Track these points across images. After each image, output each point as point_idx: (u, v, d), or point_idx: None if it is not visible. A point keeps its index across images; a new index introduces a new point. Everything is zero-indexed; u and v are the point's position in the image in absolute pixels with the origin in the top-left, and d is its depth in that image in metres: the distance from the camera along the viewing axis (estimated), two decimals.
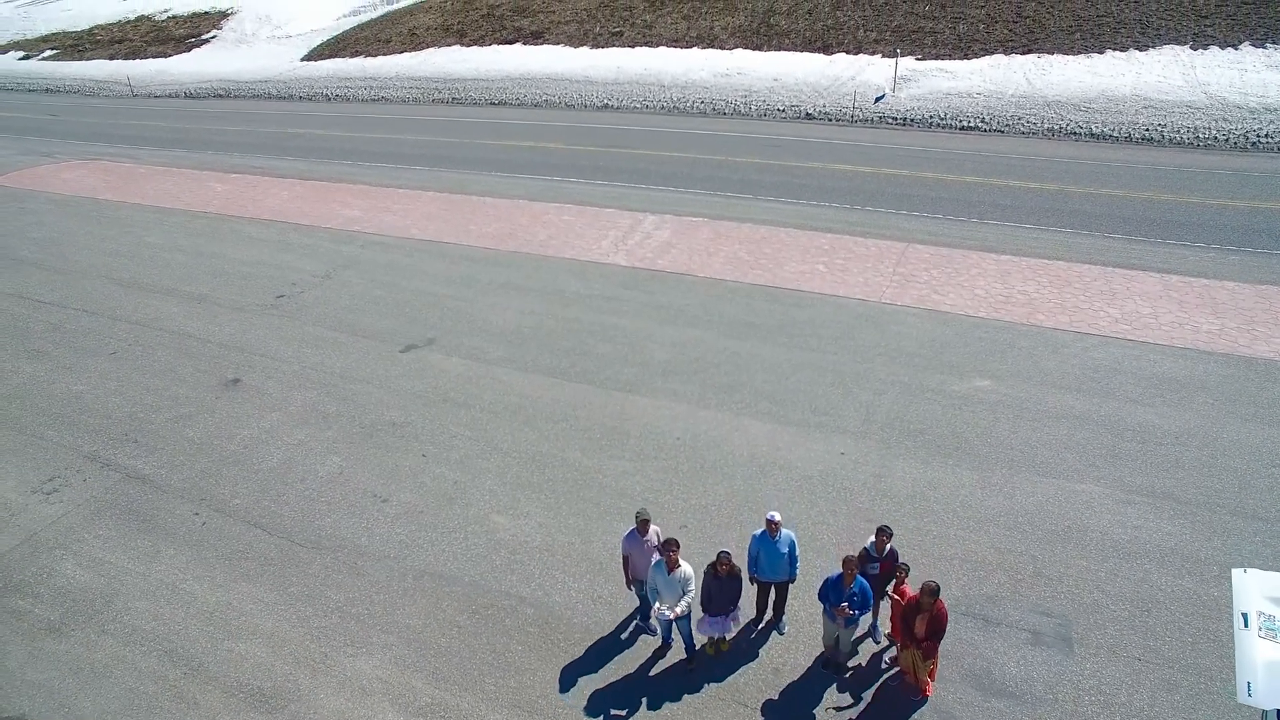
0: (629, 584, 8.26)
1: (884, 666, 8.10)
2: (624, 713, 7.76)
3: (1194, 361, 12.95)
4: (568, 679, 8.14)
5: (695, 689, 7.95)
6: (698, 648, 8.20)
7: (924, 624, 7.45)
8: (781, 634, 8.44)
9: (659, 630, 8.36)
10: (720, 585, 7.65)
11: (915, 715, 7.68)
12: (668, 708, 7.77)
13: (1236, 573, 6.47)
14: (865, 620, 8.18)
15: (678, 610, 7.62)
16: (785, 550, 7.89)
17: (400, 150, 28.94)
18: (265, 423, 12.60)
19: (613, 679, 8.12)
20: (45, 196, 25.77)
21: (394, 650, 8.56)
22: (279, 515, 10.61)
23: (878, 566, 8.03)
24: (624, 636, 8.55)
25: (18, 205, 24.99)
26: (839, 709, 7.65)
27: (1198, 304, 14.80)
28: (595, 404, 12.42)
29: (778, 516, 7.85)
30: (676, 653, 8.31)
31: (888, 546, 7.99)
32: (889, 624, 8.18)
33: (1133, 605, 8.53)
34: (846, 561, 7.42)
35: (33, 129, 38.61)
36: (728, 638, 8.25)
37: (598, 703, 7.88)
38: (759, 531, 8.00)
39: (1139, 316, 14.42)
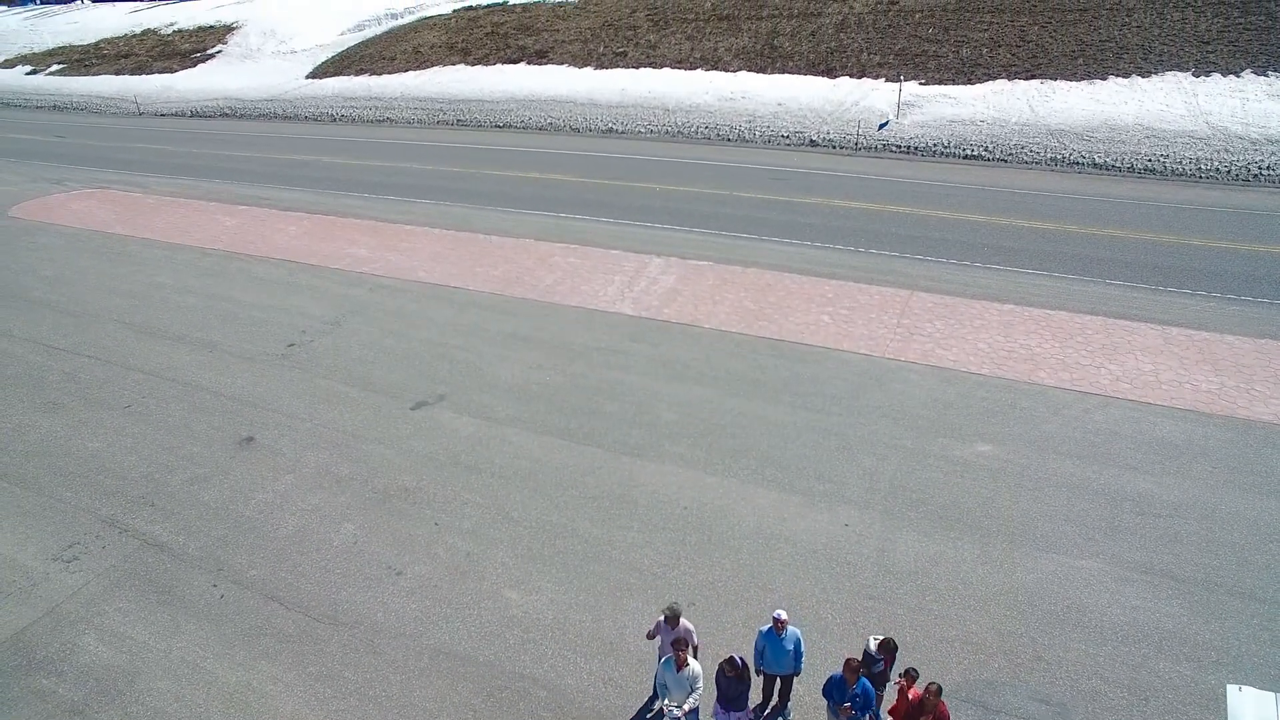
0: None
1: None
2: None
3: (1193, 424, 13.15)
4: None
5: None
6: None
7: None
8: (786, 719, 8.67)
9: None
10: (729, 683, 7.88)
11: None
12: None
13: (1231, 690, 6.68)
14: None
15: (685, 707, 7.85)
16: (790, 647, 8.12)
17: (406, 181, 29.19)
18: (280, 485, 12.84)
19: None
20: (56, 230, 26.05)
21: None
22: (296, 587, 10.85)
23: (881, 664, 8.26)
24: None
25: (29, 239, 25.28)
26: None
27: (1198, 360, 15.00)
28: (604, 469, 12.65)
29: (784, 615, 8.07)
30: None
31: (892, 646, 8.17)
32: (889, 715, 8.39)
33: (1130, 693, 8.74)
34: (848, 663, 7.63)
35: (41, 153, 38.92)
36: None
37: None
38: (766, 628, 8.22)
39: (1140, 374, 14.62)
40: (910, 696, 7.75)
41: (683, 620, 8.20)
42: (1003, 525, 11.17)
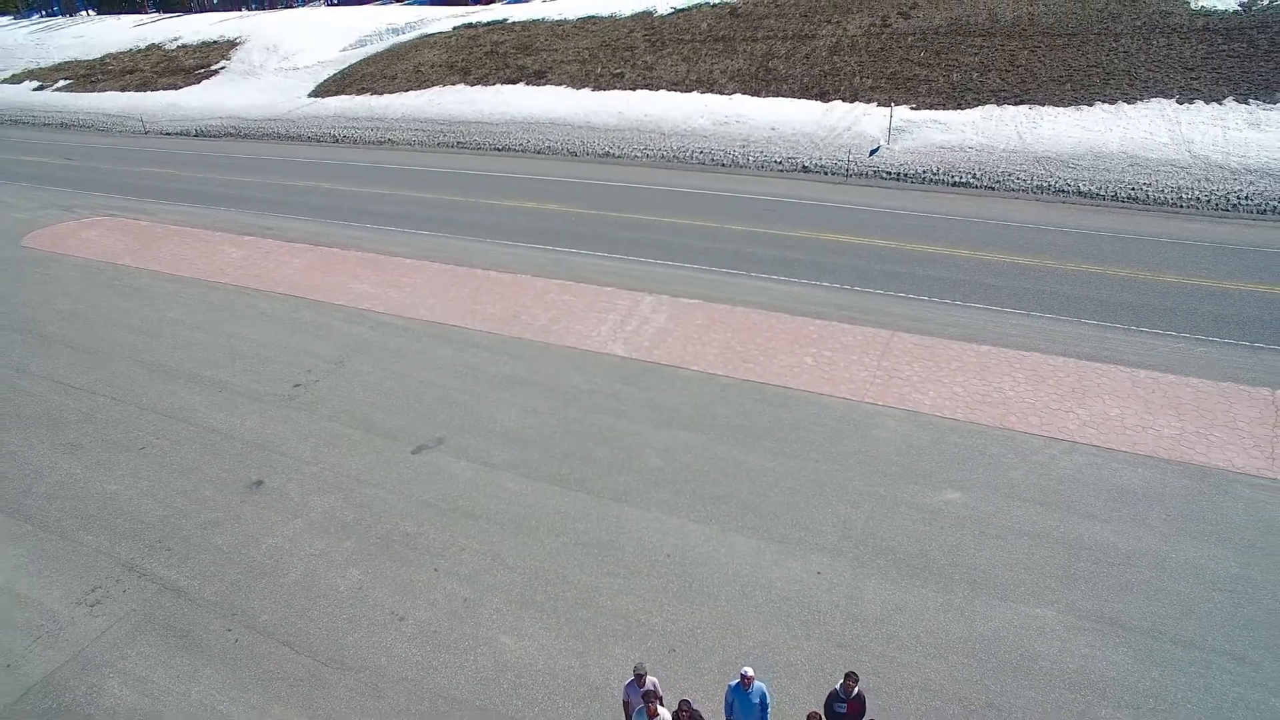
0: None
1: None
2: None
3: (1153, 471, 13.89)
4: None
5: None
6: None
7: None
8: None
9: None
10: None
11: None
12: None
13: None
14: None
15: None
16: (757, 700, 8.88)
17: (407, 211, 29.98)
18: (288, 530, 13.63)
19: None
20: (68, 261, 26.88)
21: None
22: (305, 632, 11.64)
23: (845, 706, 9.01)
24: None
25: (43, 271, 26.10)
26: None
27: (1162, 404, 15.74)
28: (593, 515, 13.42)
29: (750, 672, 8.83)
30: None
31: (855, 689, 8.97)
32: None
33: None
34: (810, 716, 8.40)
35: (51, 177, 39.75)
36: None
37: None
38: (734, 682, 8.98)
39: (1106, 419, 15.36)
40: None
41: (650, 679, 8.96)
42: (965, 573, 11.93)
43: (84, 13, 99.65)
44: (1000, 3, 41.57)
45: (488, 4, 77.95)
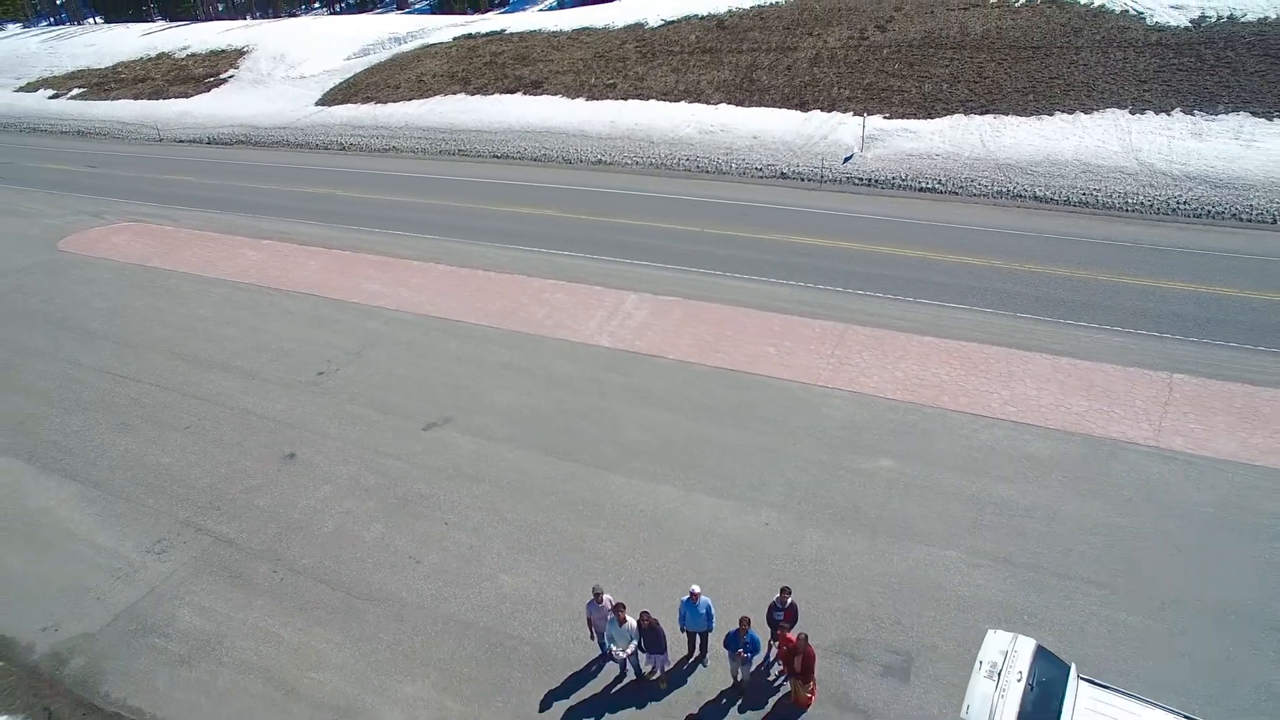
0: (591, 636, 11.66)
1: (775, 684, 11.49)
2: (592, 719, 11.18)
3: (1058, 442, 16.27)
4: (554, 698, 11.56)
5: (642, 705, 11.35)
6: (644, 674, 11.59)
7: (800, 661, 10.83)
8: (705, 667, 11.83)
9: (618, 663, 11.73)
10: (647, 633, 11.02)
11: None
12: (621, 713, 11.17)
13: (989, 632, 9.83)
14: (758, 659, 11.51)
15: (628, 650, 11.03)
16: (703, 611, 11.28)
17: (413, 216, 32.33)
18: (319, 494, 16.01)
19: (585, 698, 11.53)
20: (102, 263, 29.23)
21: (432, 678, 11.96)
22: (338, 573, 14.02)
23: (782, 613, 11.41)
24: (593, 669, 11.95)
25: (79, 273, 28.46)
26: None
27: (1076, 386, 18.12)
28: (579, 479, 15.82)
29: (697, 589, 11.23)
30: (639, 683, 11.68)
31: (789, 600, 11.38)
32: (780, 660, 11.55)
33: (959, 646, 11.86)
34: (742, 620, 10.79)
35: (77, 184, 42.04)
36: (666, 669, 11.61)
37: (574, 714, 11.28)
38: (685, 598, 11.37)
39: (1025, 399, 17.74)
40: (787, 642, 10.92)
41: (605, 596, 11.31)
42: (889, 525, 14.32)
43: (90, 20, 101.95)
44: (971, 17, 43.85)
45: (484, 13, 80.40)
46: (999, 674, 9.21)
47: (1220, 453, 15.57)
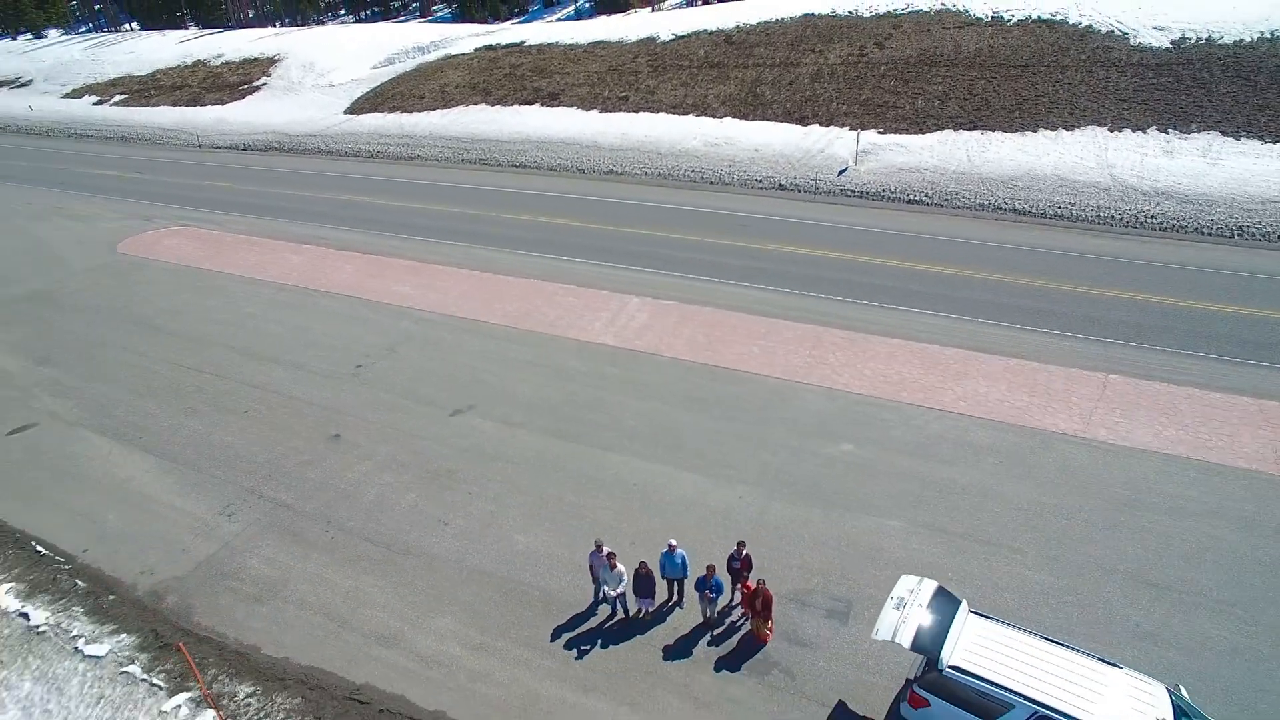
0: (593, 581, 14.35)
1: (738, 623, 14.13)
2: (588, 648, 13.87)
3: (998, 432, 18.76)
4: (559, 631, 14.26)
5: (628, 638, 14.02)
6: (631, 614, 14.26)
7: (760, 603, 13.45)
8: (682, 608, 14.49)
9: (610, 604, 14.40)
10: (640, 580, 13.70)
11: (758, 654, 13.68)
12: (612, 648, 13.85)
13: (902, 576, 12.41)
14: (723, 600, 14.13)
15: (618, 591, 13.71)
16: (679, 562, 13.93)
17: (438, 224, 35.16)
18: (362, 469, 18.82)
19: (583, 630, 14.23)
20: (158, 265, 32.32)
21: (459, 615, 14.71)
22: (380, 532, 16.81)
23: (738, 563, 14.04)
24: (590, 610, 14.63)
25: (140, 274, 31.55)
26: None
27: (1022, 384, 20.57)
28: (584, 459, 18.52)
29: (674, 542, 13.89)
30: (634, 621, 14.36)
31: (744, 551, 13.99)
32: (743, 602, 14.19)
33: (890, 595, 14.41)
34: (708, 568, 13.43)
35: (128, 190, 45.29)
36: (649, 610, 14.28)
37: (573, 643, 13.99)
38: (665, 550, 14.03)
39: (975, 395, 20.23)
40: (748, 589, 13.56)
41: (605, 547, 13.98)
42: (844, 499, 16.89)
43: (127, 26, 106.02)
44: (966, 35, 46.08)
45: (504, 21, 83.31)
46: (904, 605, 11.80)
47: (1137, 443, 18.00)
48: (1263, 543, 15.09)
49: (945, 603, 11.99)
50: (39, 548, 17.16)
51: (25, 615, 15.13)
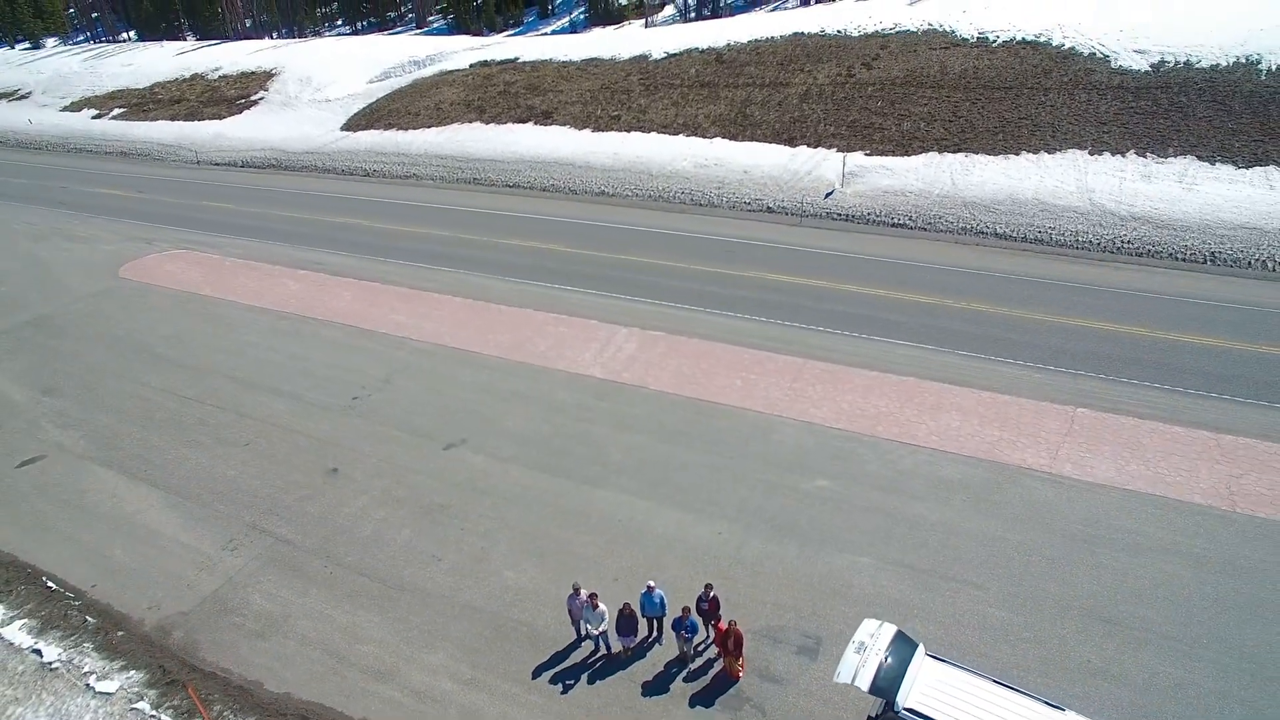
0: (572, 623, 15.19)
1: (712, 659, 14.97)
2: (572, 683, 14.71)
3: (968, 467, 19.62)
4: (545, 667, 15.10)
5: (611, 673, 14.86)
6: (612, 651, 15.11)
7: (732, 642, 14.30)
8: (661, 644, 15.33)
9: (594, 640, 15.24)
10: (623, 619, 14.54)
11: (731, 689, 14.53)
12: (595, 684, 14.69)
13: (864, 620, 13.27)
14: (698, 638, 14.96)
15: (600, 629, 14.57)
16: (658, 601, 14.77)
17: (432, 249, 35.93)
18: (359, 503, 19.64)
19: (567, 665, 15.07)
20: (160, 291, 33.08)
21: (450, 650, 15.54)
22: (376, 568, 17.64)
23: (706, 604, 14.88)
24: (575, 646, 15.48)
25: (142, 300, 32.32)
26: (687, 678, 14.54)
27: (993, 418, 21.43)
28: (571, 494, 19.35)
29: (653, 583, 14.74)
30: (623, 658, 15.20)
31: (711, 593, 14.83)
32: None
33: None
34: (684, 609, 14.28)
35: (129, 210, 45.90)
36: (630, 647, 15.13)
37: (559, 678, 14.84)
38: (644, 590, 14.88)
39: (948, 429, 21.08)
40: (722, 627, 14.40)
41: (582, 590, 14.81)
42: (818, 535, 17.74)
43: (125, 35, 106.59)
44: (951, 56, 46.92)
45: (499, 33, 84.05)
46: (864, 649, 12.65)
47: (1099, 478, 18.87)
48: (1210, 579, 15.97)
49: (903, 646, 12.83)
50: (49, 583, 17.95)
51: (38, 652, 15.93)
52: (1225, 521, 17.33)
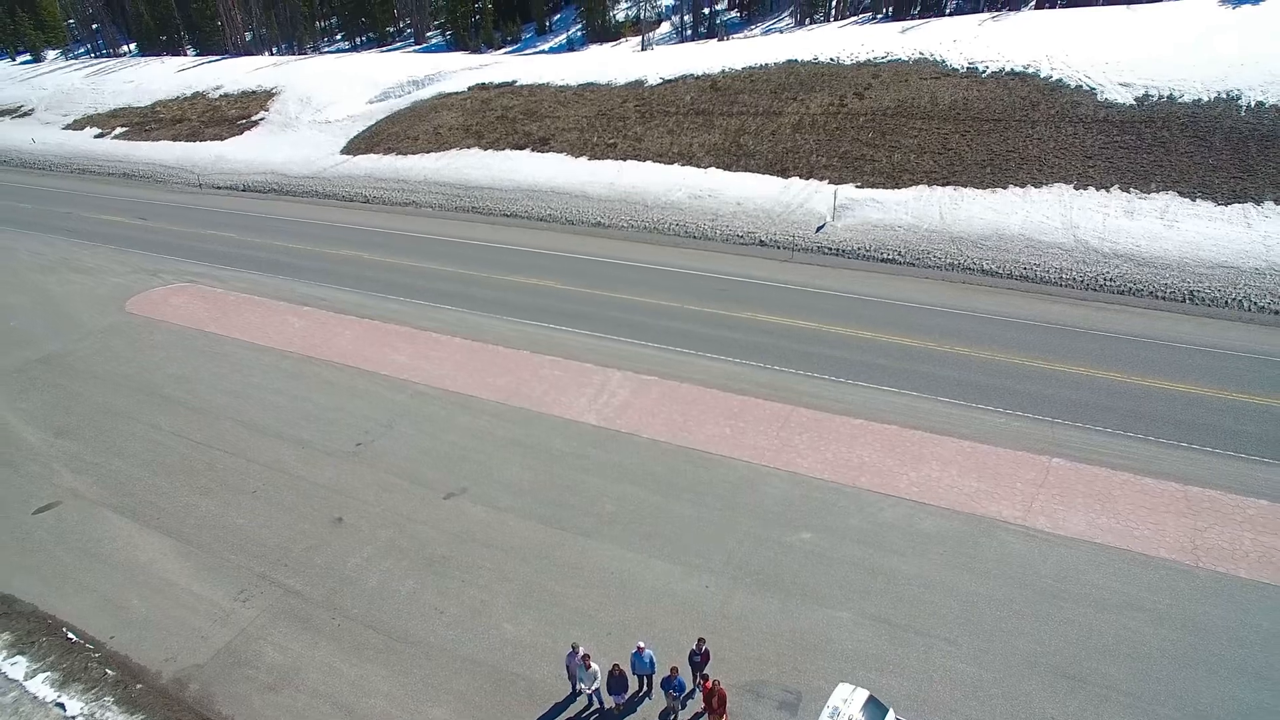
0: (569, 678, 16.11)
1: (699, 713, 15.90)
2: None
3: (945, 519, 20.55)
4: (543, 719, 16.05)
5: None
6: (607, 707, 16.03)
7: (715, 700, 15.23)
8: (650, 699, 16.26)
9: (588, 696, 16.15)
10: (613, 678, 15.47)
11: None
12: None
13: (839, 684, 14.19)
14: (685, 694, 15.88)
15: (593, 687, 15.49)
16: (647, 660, 15.70)
17: (432, 285, 36.82)
18: (363, 554, 20.54)
19: (563, 719, 16.03)
20: (166, 327, 33.95)
21: (453, 704, 16.45)
22: (382, 620, 18.54)
23: (699, 657, 15.82)
24: (571, 699, 16.39)
25: (149, 338, 33.18)
26: None
27: (972, 468, 22.37)
28: (566, 546, 20.27)
29: (642, 644, 15.66)
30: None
31: (704, 646, 15.77)
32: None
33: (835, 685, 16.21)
34: (672, 669, 15.21)
35: (134, 239, 46.81)
36: (621, 703, 16.05)
37: None
38: (634, 650, 15.80)
39: (928, 480, 22.01)
40: (708, 686, 15.32)
41: (580, 649, 15.73)
42: (800, 588, 18.66)
43: (125, 48, 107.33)
44: (942, 87, 47.82)
45: (497, 50, 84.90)
46: (837, 714, 13.58)
47: (1070, 531, 19.82)
48: (1171, 636, 16.92)
49: (874, 711, 13.77)
50: (70, 634, 18.82)
51: (61, 705, 16.81)
52: (1188, 577, 18.28)
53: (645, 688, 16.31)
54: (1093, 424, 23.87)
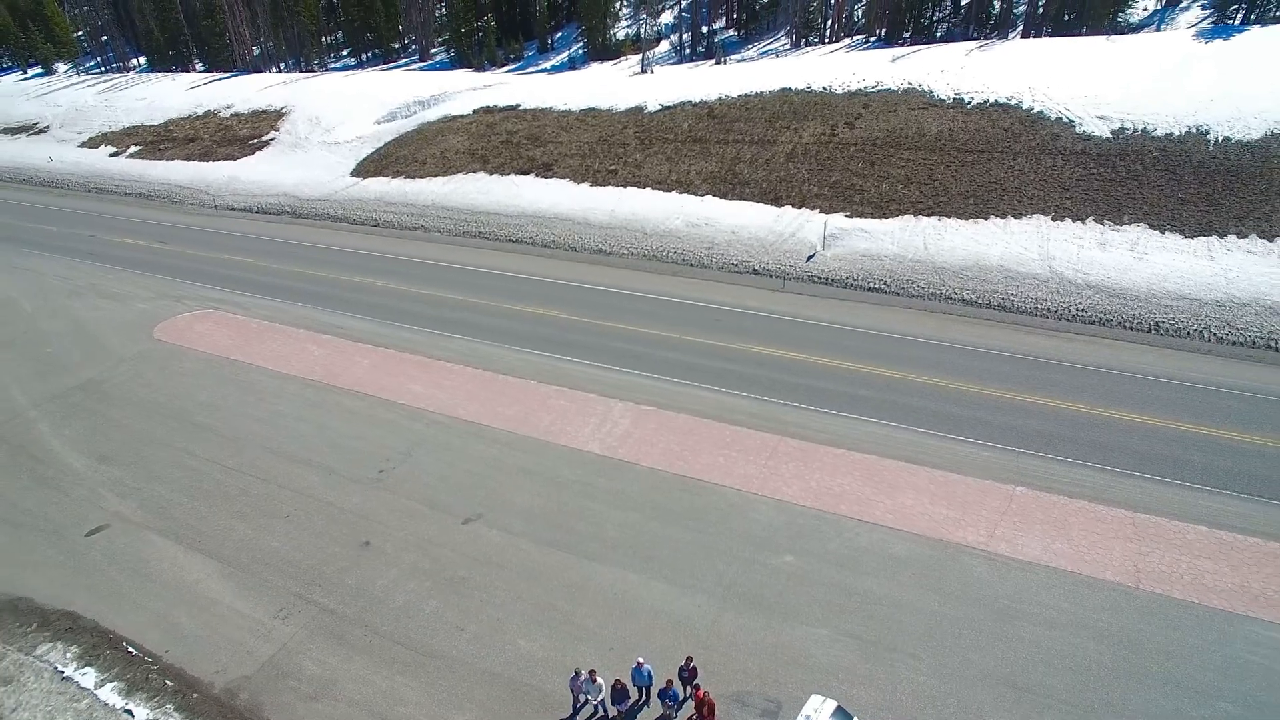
0: (573, 698, 18.30)
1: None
2: None
3: (915, 544, 22.74)
4: None
5: None
6: (610, 716, 18.24)
7: (706, 709, 17.43)
8: (648, 707, 18.46)
9: (593, 706, 18.34)
10: (616, 691, 17.67)
11: None
12: None
13: (811, 695, 16.38)
14: (678, 704, 18.09)
15: (598, 699, 17.70)
16: (646, 674, 17.91)
17: (442, 314, 38.95)
18: (390, 575, 22.73)
19: None
20: (193, 355, 36.12)
21: (475, 712, 18.64)
22: (409, 636, 20.73)
23: (687, 672, 18.01)
24: (578, 709, 18.58)
25: (178, 365, 35.35)
26: None
27: (943, 496, 24.56)
28: (573, 569, 22.47)
29: (641, 659, 17.87)
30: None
31: (691, 663, 17.97)
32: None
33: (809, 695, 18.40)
34: (668, 681, 17.42)
35: (155, 264, 48.80)
36: (623, 710, 18.25)
37: None
38: (633, 665, 18.00)
39: (901, 508, 24.20)
40: (699, 695, 17.53)
41: (583, 671, 17.91)
42: (782, 607, 20.86)
43: (135, 61, 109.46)
44: (929, 117, 49.99)
45: (499, 68, 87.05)
46: None
47: (1028, 556, 22.02)
48: (1109, 651, 19.12)
49: (841, 719, 15.96)
50: (130, 648, 21.00)
51: (130, 712, 18.98)
52: (1129, 598, 20.48)
53: (644, 698, 18.50)
54: (1055, 454, 26.05)
